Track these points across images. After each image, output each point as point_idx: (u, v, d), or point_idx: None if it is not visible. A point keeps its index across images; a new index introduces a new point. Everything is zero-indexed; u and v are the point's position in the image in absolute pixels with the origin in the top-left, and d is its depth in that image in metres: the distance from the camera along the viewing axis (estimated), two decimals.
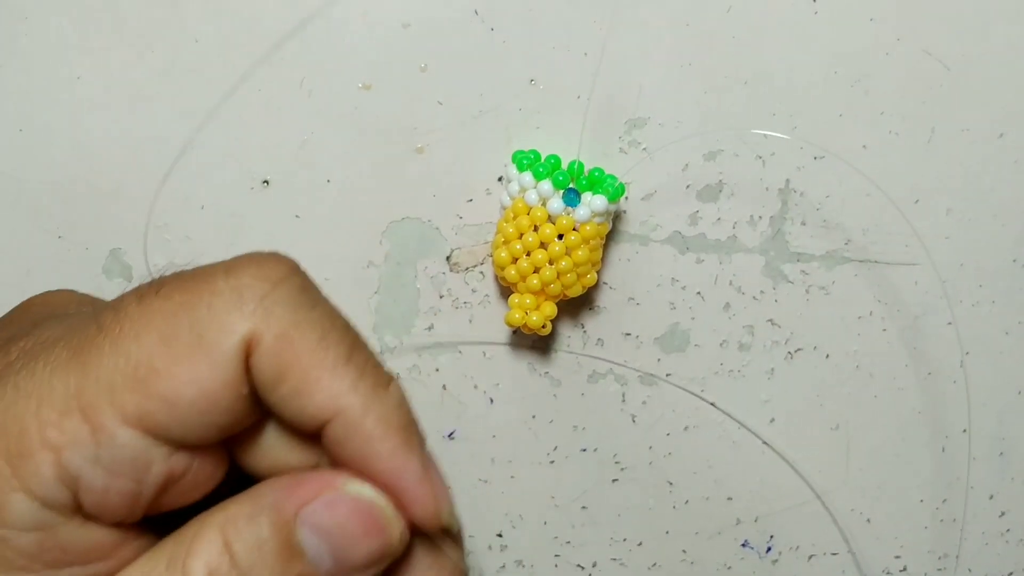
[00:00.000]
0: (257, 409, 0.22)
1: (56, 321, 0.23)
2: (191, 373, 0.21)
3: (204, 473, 0.23)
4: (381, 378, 0.22)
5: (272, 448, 0.23)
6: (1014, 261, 0.35)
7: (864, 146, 0.34)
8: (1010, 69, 0.33)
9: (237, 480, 0.24)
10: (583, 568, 0.37)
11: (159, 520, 0.23)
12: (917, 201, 0.34)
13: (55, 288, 0.32)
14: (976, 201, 0.35)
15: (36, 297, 0.26)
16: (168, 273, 0.22)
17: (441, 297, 0.35)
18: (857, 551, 0.37)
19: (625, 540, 0.37)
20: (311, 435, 0.23)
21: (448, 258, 0.34)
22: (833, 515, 0.37)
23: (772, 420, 0.36)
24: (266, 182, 0.33)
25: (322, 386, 0.21)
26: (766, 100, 0.33)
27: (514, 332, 0.35)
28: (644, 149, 0.34)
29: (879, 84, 0.33)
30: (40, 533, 0.21)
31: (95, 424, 0.21)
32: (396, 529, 0.22)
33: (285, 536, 0.21)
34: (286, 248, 0.34)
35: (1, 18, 0.32)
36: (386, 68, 0.33)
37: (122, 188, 0.33)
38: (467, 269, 0.34)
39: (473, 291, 0.35)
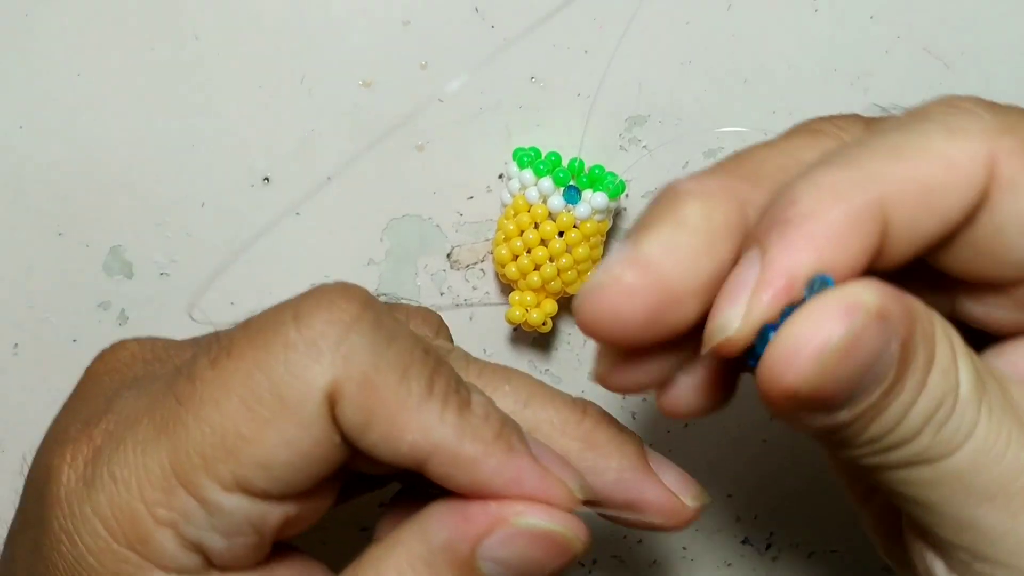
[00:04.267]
0: (349, 451, 0.22)
1: (131, 393, 0.23)
2: (280, 436, 0.20)
3: (320, 503, 0.23)
4: (463, 398, 0.21)
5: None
6: None
7: None
8: (1010, 67, 0.33)
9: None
10: (583, 565, 0.37)
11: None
12: None
13: (55, 284, 0.32)
14: None
15: (98, 364, 0.26)
16: (236, 325, 0.22)
17: (442, 295, 0.35)
18: (858, 548, 0.37)
19: (625, 537, 0.37)
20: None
21: (448, 255, 0.34)
22: (833, 512, 0.37)
23: (772, 416, 0.36)
24: (266, 179, 0.33)
25: (411, 427, 0.21)
26: (766, 98, 0.33)
27: (515, 329, 0.35)
28: (644, 146, 0.34)
29: (879, 82, 0.33)
30: None
31: (199, 497, 0.21)
32: (578, 544, 0.22)
33: (468, 574, 0.21)
34: (286, 246, 0.34)
35: (1, 15, 0.32)
36: (386, 65, 0.33)
37: (122, 185, 0.33)
38: (467, 266, 0.34)
39: (474, 288, 0.35)
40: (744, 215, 0.20)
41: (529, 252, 0.32)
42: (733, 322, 0.18)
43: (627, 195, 0.34)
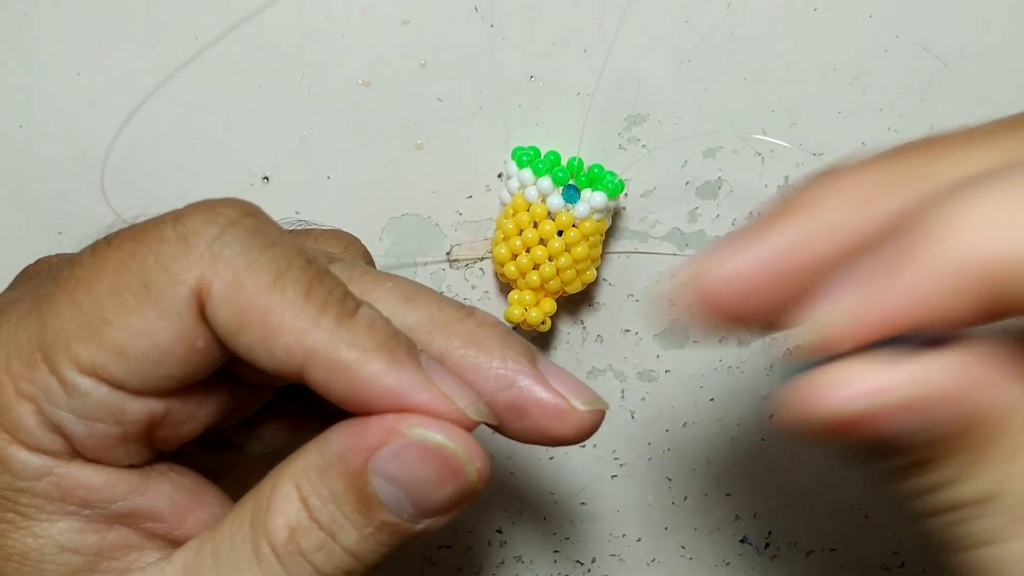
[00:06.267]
0: (222, 355, 0.21)
1: (25, 284, 0.23)
2: (141, 324, 0.20)
3: (193, 408, 0.22)
4: (347, 307, 0.21)
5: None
6: None
7: (863, 143, 0.34)
8: (1008, 66, 0.33)
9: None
10: (582, 564, 0.37)
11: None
12: None
13: None
14: None
15: (19, 274, 0.27)
16: (124, 225, 0.22)
17: (440, 293, 0.35)
18: (855, 547, 0.37)
19: (624, 536, 0.37)
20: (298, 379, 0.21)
21: (448, 254, 0.34)
22: (832, 511, 0.37)
23: (771, 416, 0.36)
24: (266, 178, 0.34)
25: (284, 328, 0.20)
26: (765, 97, 0.33)
27: (513, 328, 0.35)
28: (643, 146, 0.34)
29: (877, 81, 0.33)
30: (53, 477, 0.21)
31: (59, 375, 0.21)
32: (471, 468, 0.21)
33: (359, 487, 0.21)
34: None
35: (1, 14, 0.32)
36: (386, 64, 0.33)
37: (121, 184, 0.33)
38: (467, 265, 0.34)
39: (473, 287, 0.35)
40: (892, 214, 0.18)
41: (528, 251, 0.32)
42: (834, 328, 0.18)
43: (626, 194, 0.34)
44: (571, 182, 0.32)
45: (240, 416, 0.24)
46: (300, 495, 0.21)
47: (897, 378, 0.17)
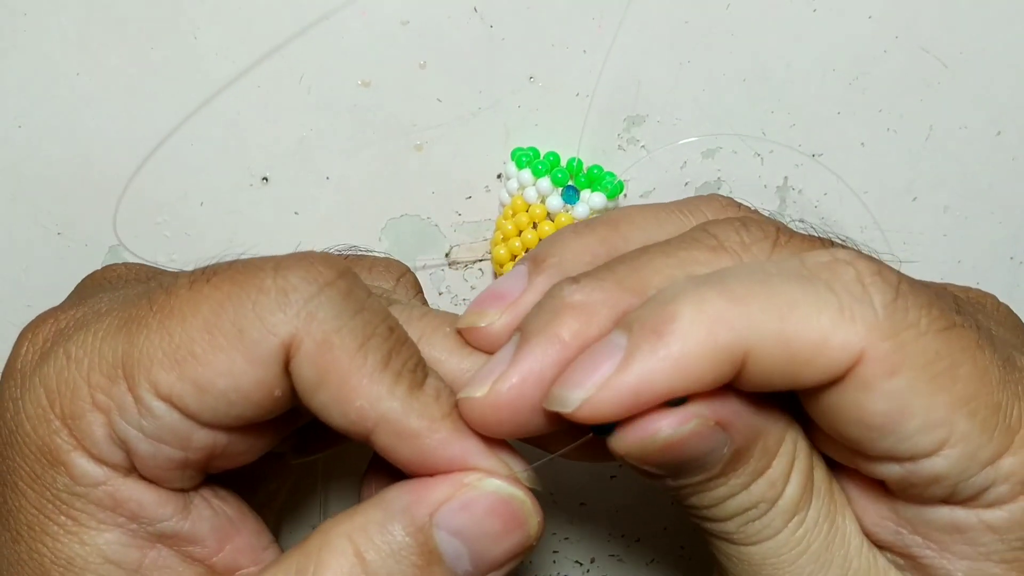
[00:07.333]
0: (292, 404, 0.22)
1: (107, 295, 0.24)
2: (226, 365, 0.21)
3: (253, 441, 0.23)
4: (417, 377, 0.22)
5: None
6: (1011, 258, 0.35)
7: (862, 143, 0.34)
8: (1007, 67, 0.33)
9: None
10: (581, 564, 0.37)
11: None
12: (915, 199, 0.35)
13: (54, 283, 0.32)
14: (973, 199, 0.35)
15: (86, 279, 0.27)
16: (223, 261, 0.23)
17: (440, 294, 0.35)
18: None
19: (623, 536, 0.37)
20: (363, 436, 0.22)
21: (447, 255, 0.34)
22: None
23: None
24: (265, 179, 0.34)
25: (360, 393, 0.21)
26: (764, 98, 0.33)
27: None
28: (643, 147, 0.34)
29: (877, 82, 0.33)
30: (108, 488, 0.22)
31: (136, 394, 0.21)
32: (534, 521, 0.22)
33: (422, 541, 0.21)
34: (284, 245, 0.34)
35: (0, 14, 0.32)
36: (385, 65, 0.33)
37: (121, 185, 0.33)
38: (466, 266, 0.34)
39: (472, 288, 0.35)
40: (620, 317, 0.21)
41: (527, 252, 0.32)
42: (573, 403, 0.20)
43: (625, 195, 0.34)
44: (570, 183, 0.32)
45: (285, 433, 0.25)
46: (355, 550, 0.21)
47: (683, 413, 0.21)
